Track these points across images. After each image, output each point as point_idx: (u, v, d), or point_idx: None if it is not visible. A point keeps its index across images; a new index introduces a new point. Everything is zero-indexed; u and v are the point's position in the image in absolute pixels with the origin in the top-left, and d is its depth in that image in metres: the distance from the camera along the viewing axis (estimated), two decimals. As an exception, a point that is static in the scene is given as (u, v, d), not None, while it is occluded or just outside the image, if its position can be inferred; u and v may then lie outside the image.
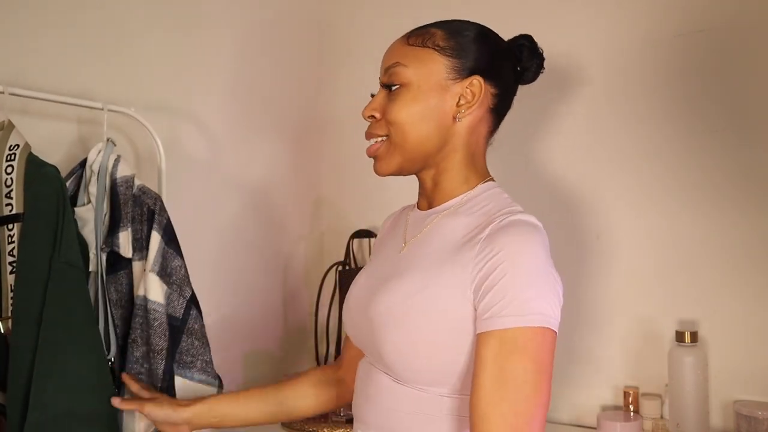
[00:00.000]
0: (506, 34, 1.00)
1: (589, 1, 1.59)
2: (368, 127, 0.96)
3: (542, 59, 0.97)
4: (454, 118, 0.91)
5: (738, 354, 1.39)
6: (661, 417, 1.42)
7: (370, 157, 0.96)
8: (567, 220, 1.60)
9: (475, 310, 0.81)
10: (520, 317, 0.77)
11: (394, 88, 0.91)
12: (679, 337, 1.38)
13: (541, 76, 0.99)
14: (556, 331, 0.79)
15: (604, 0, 1.57)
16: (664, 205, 1.49)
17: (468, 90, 0.90)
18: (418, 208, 1.00)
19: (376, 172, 0.95)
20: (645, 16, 1.52)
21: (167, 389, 1.19)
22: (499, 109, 0.95)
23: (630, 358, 1.51)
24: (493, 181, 0.96)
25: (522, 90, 1.01)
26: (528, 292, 0.78)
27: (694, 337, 1.37)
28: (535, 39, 0.98)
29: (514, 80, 0.97)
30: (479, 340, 0.79)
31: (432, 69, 0.90)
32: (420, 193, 0.99)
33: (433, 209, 0.95)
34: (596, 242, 1.56)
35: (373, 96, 0.97)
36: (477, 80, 0.90)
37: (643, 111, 1.52)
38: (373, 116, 0.94)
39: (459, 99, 0.90)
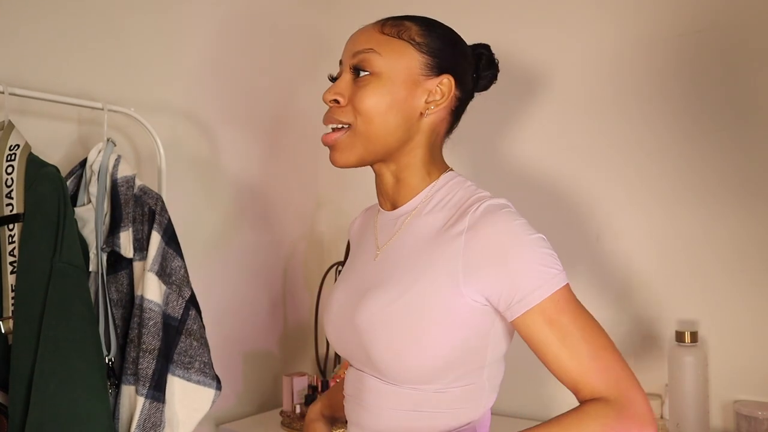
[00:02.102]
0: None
1: (592, 2, 1.59)
2: (329, 112, 0.91)
3: (497, 70, 0.98)
4: (421, 114, 0.90)
5: (738, 354, 1.39)
6: (661, 417, 1.42)
7: (326, 145, 0.91)
8: (567, 221, 1.60)
9: (488, 304, 0.82)
10: (545, 286, 0.79)
11: (363, 74, 0.88)
12: (679, 337, 1.38)
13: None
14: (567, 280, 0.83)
15: (606, 0, 1.57)
16: (664, 205, 1.49)
17: (438, 88, 0.90)
18: (381, 208, 0.98)
19: (334, 162, 0.90)
20: (646, 16, 1.52)
21: (157, 390, 1.18)
22: (458, 113, 0.95)
23: (630, 358, 1.51)
24: (453, 170, 0.95)
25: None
26: (536, 263, 0.80)
27: (694, 337, 1.37)
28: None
29: (473, 87, 0.97)
30: (521, 324, 0.81)
31: (406, 62, 0.88)
32: (381, 192, 0.97)
33: (400, 209, 0.94)
34: (596, 242, 1.56)
35: (333, 79, 0.94)
36: (448, 79, 0.90)
37: (644, 111, 1.52)
38: (336, 100, 0.89)
39: (428, 96, 0.90)
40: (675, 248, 1.47)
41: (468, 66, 0.94)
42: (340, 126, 0.90)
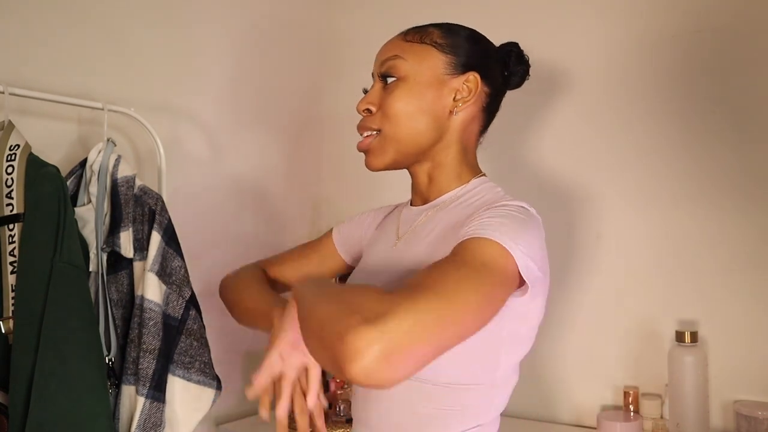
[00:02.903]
0: (506, 36, 1.01)
1: (588, 2, 1.59)
2: (361, 121, 0.94)
3: (528, 66, 0.99)
4: (451, 112, 0.92)
5: (738, 354, 1.39)
6: (661, 417, 1.42)
7: (360, 151, 0.95)
8: (567, 220, 1.60)
9: None
10: (477, 230, 0.75)
11: (390, 80, 0.92)
12: (679, 337, 1.38)
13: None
14: (519, 265, 0.73)
15: (602, 1, 1.57)
16: (664, 205, 1.49)
17: (465, 85, 0.92)
18: (411, 205, 1.00)
19: (369, 166, 0.94)
20: (643, 17, 1.52)
21: (157, 390, 1.18)
22: (490, 109, 0.97)
23: (630, 358, 1.51)
24: (485, 176, 0.97)
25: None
26: (504, 220, 0.76)
27: (694, 337, 1.37)
28: (521, 46, 0.99)
29: (503, 84, 0.98)
30: None
31: (430, 64, 0.91)
32: (414, 190, 0.99)
33: (426, 205, 0.95)
34: (596, 242, 1.56)
35: (366, 92, 0.97)
36: (474, 76, 0.92)
37: (643, 111, 1.52)
38: (368, 110, 0.94)
39: (455, 94, 0.91)
40: (675, 248, 1.47)
41: (494, 62, 0.96)
42: (371, 132, 0.93)
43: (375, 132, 0.92)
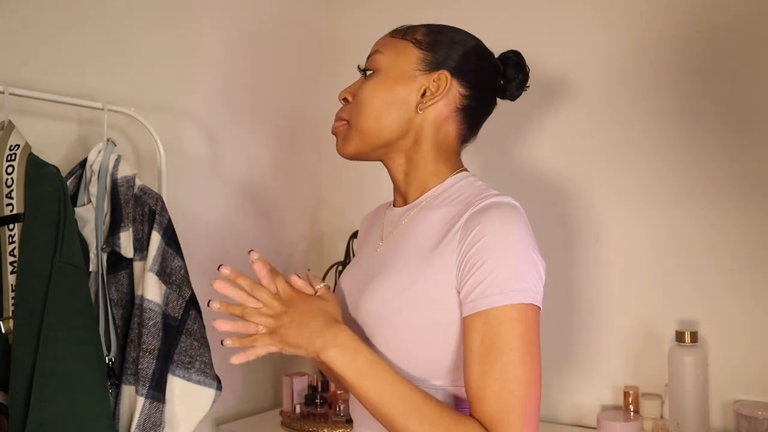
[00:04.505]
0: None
1: (588, 2, 1.59)
2: (338, 110, 0.98)
3: (526, 75, 0.98)
4: (417, 108, 0.91)
5: (738, 354, 1.39)
6: (661, 417, 1.42)
7: (333, 134, 0.97)
8: (567, 221, 1.60)
9: (459, 294, 0.82)
10: (502, 295, 0.77)
11: (368, 73, 0.94)
12: (679, 337, 1.38)
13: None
14: (540, 306, 0.80)
15: (602, 1, 1.57)
16: (664, 205, 1.49)
17: (434, 83, 0.91)
18: (394, 205, 1.00)
19: (337, 150, 0.96)
20: (643, 17, 1.52)
21: (157, 390, 1.18)
22: (469, 112, 0.94)
23: (630, 358, 1.51)
24: (466, 170, 0.95)
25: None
26: (508, 269, 0.78)
27: (694, 337, 1.37)
28: (523, 52, 0.98)
29: (491, 89, 0.96)
30: (466, 323, 0.80)
31: (404, 59, 0.91)
32: (394, 189, 0.99)
33: (407, 205, 0.95)
34: (596, 242, 1.56)
35: None
36: (444, 75, 0.90)
37: (643, 112, 1.52)
38: (346, 99, 0.96)
39: (425, 91, 0.91)
40: (675, 248, 1.47)
41: (481, 66, 0.94)
42: (342, 122, 0.96)
43: (345, 122, 0.95)
